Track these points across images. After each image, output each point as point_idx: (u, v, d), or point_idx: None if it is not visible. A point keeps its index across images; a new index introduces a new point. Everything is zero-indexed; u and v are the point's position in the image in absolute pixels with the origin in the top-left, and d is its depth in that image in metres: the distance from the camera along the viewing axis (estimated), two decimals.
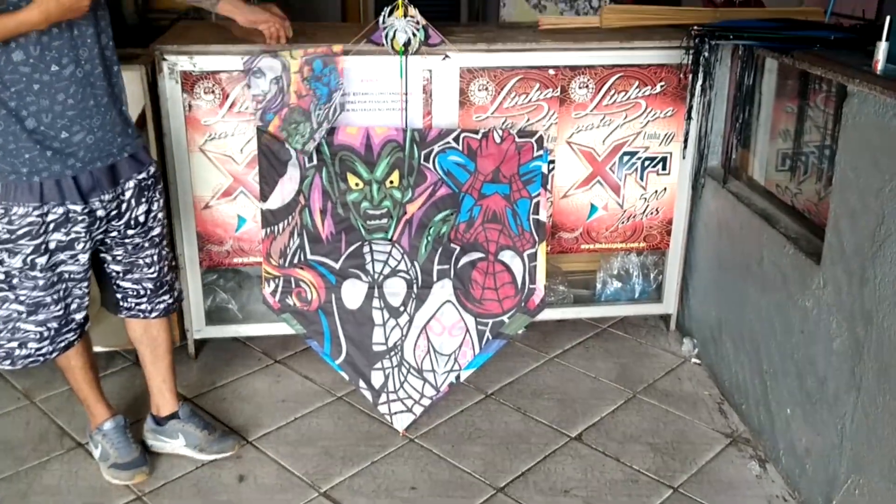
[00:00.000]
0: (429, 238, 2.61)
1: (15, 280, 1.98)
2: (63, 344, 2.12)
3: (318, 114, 2.46)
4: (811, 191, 2.45)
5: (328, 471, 2.35)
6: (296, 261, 2.57)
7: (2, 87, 1.84)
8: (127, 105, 2.10)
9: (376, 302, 2.59)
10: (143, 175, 2.12)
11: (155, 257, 2.22)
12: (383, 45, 2.57)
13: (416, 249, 2.61)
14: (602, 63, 2.73)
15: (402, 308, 2.61)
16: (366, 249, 2.59)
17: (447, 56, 2.63)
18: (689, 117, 2.79)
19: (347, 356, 2.57)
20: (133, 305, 2.25)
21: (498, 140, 2.60)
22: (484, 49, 2.67)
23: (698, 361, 2.94)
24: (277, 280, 2.58)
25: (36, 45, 1.84)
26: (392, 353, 2.58)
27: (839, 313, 2.00)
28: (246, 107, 2.58)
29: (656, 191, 2.92)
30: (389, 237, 2.61)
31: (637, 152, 2.86)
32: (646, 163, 2.88)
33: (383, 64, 2.61)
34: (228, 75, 2.54)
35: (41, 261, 1.97)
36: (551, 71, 2.71)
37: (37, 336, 2.06)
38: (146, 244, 2.18)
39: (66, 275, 2.04)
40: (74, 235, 1.99)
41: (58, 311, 2.06)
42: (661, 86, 2.78)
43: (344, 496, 2.26)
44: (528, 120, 2.76)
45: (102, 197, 2.01)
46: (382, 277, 2.61)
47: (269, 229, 2.57)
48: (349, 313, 2.58)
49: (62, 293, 2.06)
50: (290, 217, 2.57)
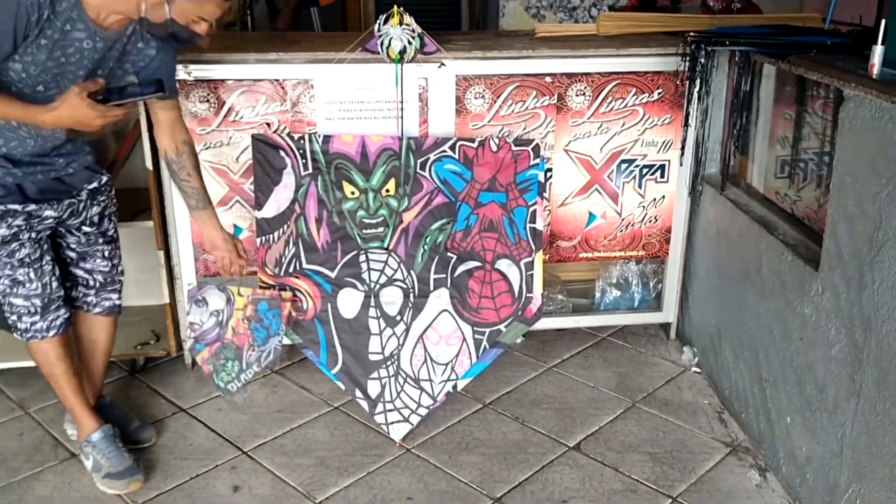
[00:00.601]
0: (425, 247, 2.60)
1: None
2: (59, 321, 2.20)
3: (250, 355, 2.45)
4: (811, 197, 2.43)
5: (324, 481, 2.33)
6: (291, 270, 2.56)
7: None
8: None
9: (373, 311, 2.57)
10: (96, 184, 2.23)
11: (107, 252, 2.30)
12: (378, 54, 2.57)
13: (413, 258, 2.60)
14: (599, 70, 2.73)
15: (399, 317, 2.59)
16: (362, 258, 2.57)
17: (443, 64, 2.62)
18: (687, 124, 2.78)
19: (343, 366, 2.55)
20: (80, 296, 2.31)
21: (494, 148, 2.59)
22: (480, 57, 2.66)
23: (698, 370, 2.91)
24: (273, 289, 2.56)
25: (33, 67, 1.86)
26: (388, 363, 2.56)
27: (838, 319, 1.98)
28: (241, 116, 2.58)
29: (655, 199, 2.91)
30: (385, 246, 2.60)
31: (635, 160, 2.85)
32: (644, 170, 2.87)
33: (379, 72, 2.61)
34: (225, 84, 2.54)
35: None
36: (548, 78, 2.71)
37: (27, 310, 2.16)
38: (100, 238, 2.27)
39: (26, 258, 2.11)
40: (16, 229, 2.07)
41: (35, 290, 2.14)
42: (659, 93, 2.77)
43: None
44: (525, 128, 2.75)
45: (52, 203, 2.11)
46: (379, 286, 2.59)
47: (265, 238, 2.56)
48: (345, 322, 2.56)
49: (31, 274, 2.13)
50: (286, 226, 2.56)
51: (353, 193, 2.56)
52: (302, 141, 2.53)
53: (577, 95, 2.74)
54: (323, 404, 2.70)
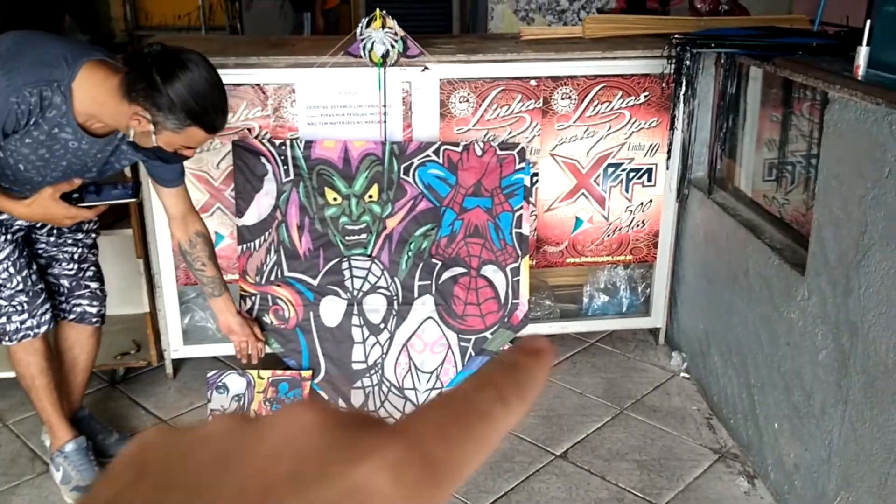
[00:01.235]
0: (409, 253, 2.57)
1: None
2: (48, 315, 2.17)
3: None
4: (798, 201, 2.40)
5: None
6: (272, 278, 2.53)
7: None
8: None
9: (356, 319, 2.54)
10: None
11: (75, 255, 2.25)
12: (361, 57, 2.54)
13: (397, 265, 2.56)
14: (585, 73, 2.70)
15: (383, 325, 2.55)
16: (345, 265, 2.54)
17: (426, 67, 2.59)
18: (673, 127, 2.75)
19: (326, 375, 2.51)
20: (56, 304, 2.27)
21: (479, 153, 2.56)
22: (464, 60, 2.63)
23: (687, 375, 2.88)
24: (254, 298, 2.52)
25: (17, 154, 1.87)
26: (372, 372, 2.52)
27: (824, 324, 1.95)
28: None
29: (642, 203, 2.88)
30: (369, 253, 2.56)
31: (622, 164, 2.82)
32: (631, 174, 2.84)
33: (361, 76, 2.58)
34: None
35: None
36: (533, 82, 2.68)
37: (14, 310, 2.13)
38: (69, 240, 2.23)
39: (3, 258, 2.08)
40: None
41: (17, 286, 2.11)
42: (645, 96, 2.74)
43: None
44: (511, 132, 2.72)
45: None
46: (362, 294, 2.56)
47: (245, 246, 2.52)
48: (328, 331, 2.53)
49: (11, 269, 2.09)
50: (267, 233, 2.52)
51: (336, 200, 2.53)
52: (283, 147, 2.50)
53: (563, 99, 2.71)
54: None
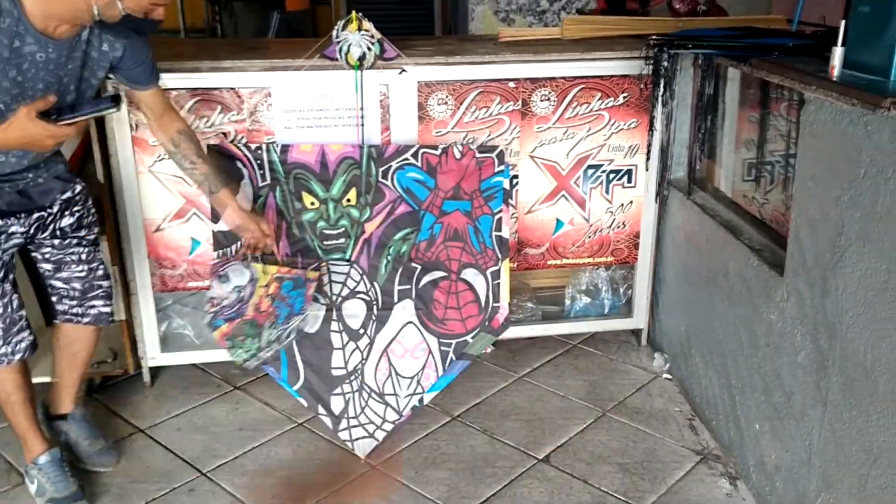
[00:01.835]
0: (388, 258, 2.54)
1: None
2: (24, 344, 2.09)
3: (271, 333, 2.39)
4: (777, 201, 2.40)
5: (286, 503, 2.26)
6: None
7: None
8: None
9: (335, 325, 2.51)
10: (69, 194, 2.13)
11: (83, 256, 2.19)
12: (337, 60, 2.51)
13: (376, 270, 2.54)
14: (563, 75, 2.68)
15: (362, 330, 2.53)
16: (323, 270, 2.51)
17: (403, 70, 2.57)
18: (652, 128, 2.74)
19: (305, 382, 2.48)
20: (67, 309, 2.22)
21: (458, 156, 2.54)
22: (442, 62, 2.61)
23: (669, 377, 2.88)
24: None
25: (1, 91, 1.79)
26: (352, 378, 2.50)
27: (803, 325, 1.94)
28: (196, 126, 2.50)
29: (622, 204, 2.87)
30: (347, 257, 2.54)
31: (602, 165, 2.81)
32: (611, 176, 2.83)
33: (338, 79, 2.55)
34: (177, 92, 2.47)
35: None
36: (512, 84, 2.66)
37: None
38: (74, 241, 2.16)
39: None
40: None
41: None
42: (624, 97, 2.73)
43: None
44: (490, 134, 2.70)
45: (19, 216, 2.01)
46: (341, 299, 2.53)
47: (222, 251, 2.49)
48: (307, 337, 2.50)
49: None
50: (244, 238, 2.48)
51: (313, 204, 2.50)
52: (259, 151, 2.47)
53: (542, 100, 2.70)
54: (286, 421, 2.63)
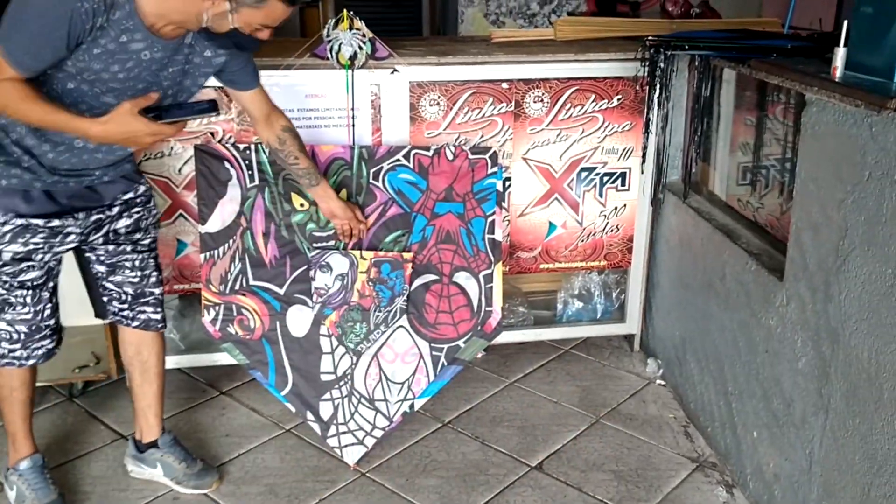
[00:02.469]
0: None
1: None
2: (41, 351, 2.04)
3: (377, 315, 2.43)
4: (773, 205, 2.37)
5: None
6: (237, 287, 2.43)
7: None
8: None
9: (324, 329, 2.45)
10: (132, 194, 2.07)
11: (137, 262, 2.13)
12: (328, 59, 2.46)
13: None
14: (557, 76, 2.65)
15: None
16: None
17: (395, 70, 2.52)
18: (648, 131, 2.71)
19: (294, 387, 2.42)
20: (117, 310, 2.18)
21: (450, 157, 2.49)
22: (434, 62, 2.57)
23: (663, 382, 2.84)
24: (218, 307, 2.43)
25: (87, 73, 1.73)
26: (341, 383, 2.44)
27: (804, 331, 1.91)
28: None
29: (616, 207, 2.84)
30: (342, 246, 2.48)
31: (595, 168, 2.77)
32: (604, 178, 2.79)
33: (329, 79, 2.50)
34: None
35: None
36: (505, 85, 2.62)
37: (8, 336, 2.00)
38: (128, 247, 2.11)
39: (29, 282, 1.95)
40: (33, 246, 1.91)
41: (25, 314, 1.98)
42: (618, 99, 2.70)
43: None
44: (482, 136, 2.66)
45: (77, 216, 1.95)
46: None
47: (209, 254, 2.43)
48: (295, 341, 2.44)
49: (28, 298, 1.97)
50: (231, 241, 2.43)
51: (303, 205, 2.45)
52: (248, 151, 2.41)
53: (535, 102, 2.66)
54: (274, 427, 2.57)
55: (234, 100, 2.14)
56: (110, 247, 2.08)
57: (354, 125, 2.56)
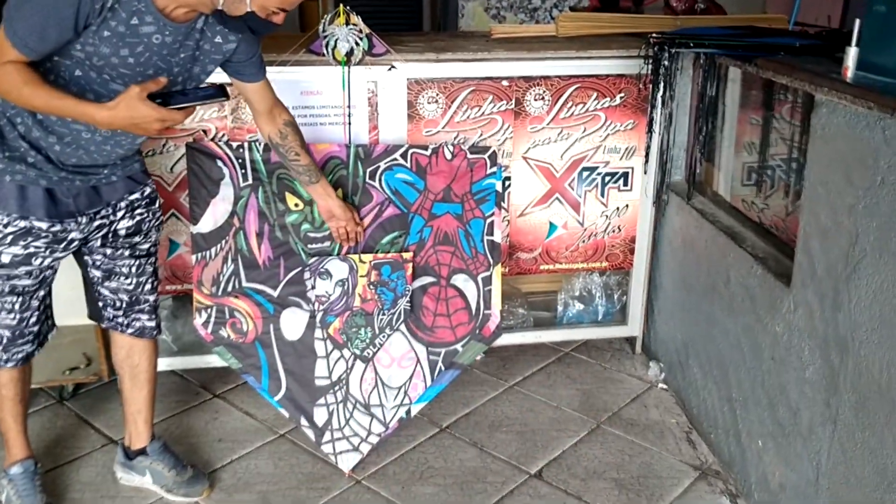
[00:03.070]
0: None
1: None
2: (20, 355, 2.00)
3: (381, 319, 2.38)
4: (779, 206, 2.31)
5: None
6: (230, 289, 2.37)
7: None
8: None
9: (319, 332, 2.39)
10: (137, 195, 2.02)
11: (133, 268, 2.08)
12: (324, 56, 2.40)
13: None
14: (558, 73, 2.59)
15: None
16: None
17: (393, 66, 2.46)
18: (651, 130, 2.65)
19: (287, 392, 2.37)
20: (112, 316, 2.13)
21: (449, 156, 2.44)
22: (433, 59, 2.51)
23: (665, 386, 2.79)
24: (210, 310, 2.37)
25: (96, 58, 1.67)
26: (336, 388, 2.39)
27: (811, 339, 1.85)
28: None
29: (618, 208, 2.78)
30: (336, 251, 2.42)
31: (597, 167, 2.71)
32: (606, 178, 2.73)
33: (325, 75, 2.44)
34: None
35: None
36: (505, 82, 2.56)
37: None
38: (126, 252, 2.05)
39: (20, 288, 1.91)
40: (34, 250, 1.86)
41: (10, 321, 1.94)
42: (621, 97, 2.64)
43: None
44: (482, 134, 2.60)
45: (80, 220, 1.90)
46: None
47: (201, 254, 2.37)
48: (289, 345, 2.38)
49: (16, 304, 1.93)
50: (224, 241, 2.37)
51: (297, 205, 2.39)
52: (241, 149, 2.36)
53: (536, 100, 2.60)
54: (268, 431, 2.51)
55: (239, 91, 2.08)
56: (108, 250, 2.03)
57: (351, 123, 2.50)
